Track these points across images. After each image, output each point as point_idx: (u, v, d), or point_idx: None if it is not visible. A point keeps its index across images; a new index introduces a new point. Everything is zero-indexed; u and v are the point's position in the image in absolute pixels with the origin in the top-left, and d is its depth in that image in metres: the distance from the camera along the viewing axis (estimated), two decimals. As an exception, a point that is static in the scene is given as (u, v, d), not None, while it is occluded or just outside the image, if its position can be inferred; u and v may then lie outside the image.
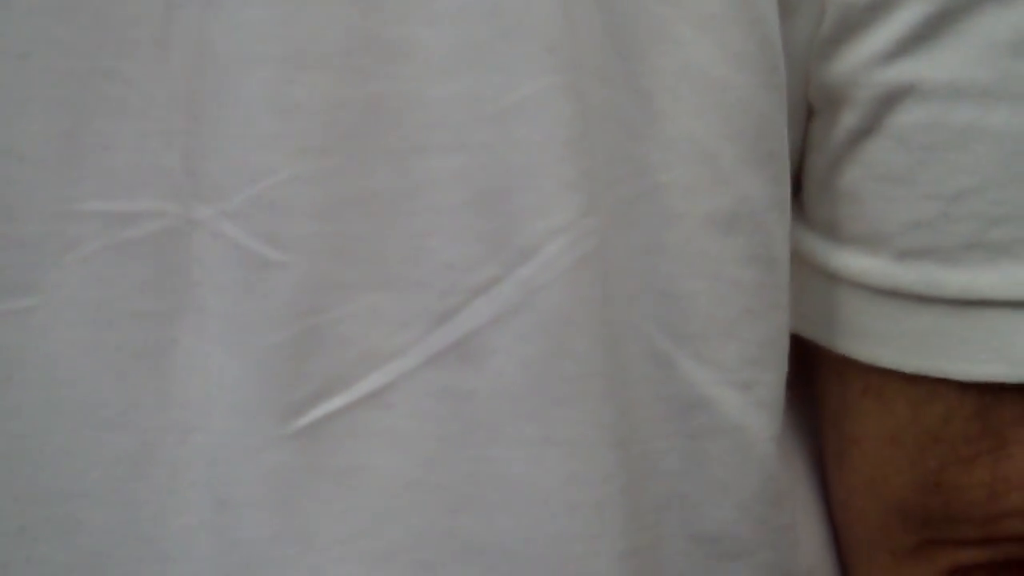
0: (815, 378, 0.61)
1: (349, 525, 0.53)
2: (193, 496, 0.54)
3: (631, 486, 0.54)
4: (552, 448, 0.53)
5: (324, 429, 0.53)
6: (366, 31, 0.52)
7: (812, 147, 0.58)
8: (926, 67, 0.54)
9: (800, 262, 0.58)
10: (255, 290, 0.53)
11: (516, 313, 0.53)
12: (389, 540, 0.53)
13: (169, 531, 0.54)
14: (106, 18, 0.53)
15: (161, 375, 0.54)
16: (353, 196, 0.52)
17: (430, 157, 0.52)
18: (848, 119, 0.56)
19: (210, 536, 0.54)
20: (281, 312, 0.53)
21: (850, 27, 0.55)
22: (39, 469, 0.54)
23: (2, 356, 0.54)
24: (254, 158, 0.52)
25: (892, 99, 0.55)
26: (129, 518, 0.54)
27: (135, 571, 0.54)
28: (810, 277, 0.58)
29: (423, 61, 0.52)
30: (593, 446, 0.53)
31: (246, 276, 0.53)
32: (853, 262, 0.57)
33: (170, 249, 0.53)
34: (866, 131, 0.55)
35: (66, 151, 0.53)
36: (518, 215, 0.52)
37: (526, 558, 0.53)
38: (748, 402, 0.56)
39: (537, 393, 0.53)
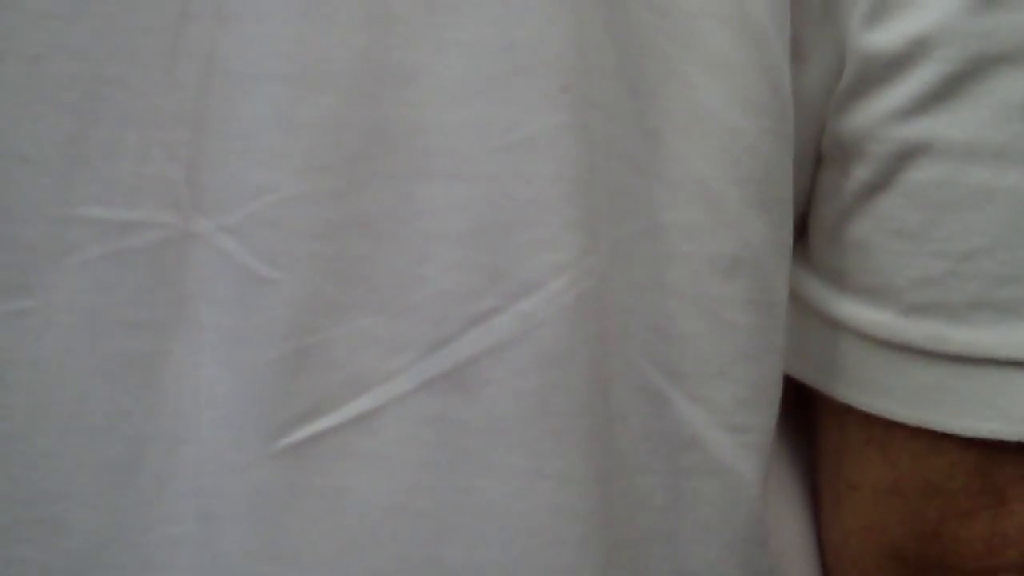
0: (814, 421, 0.61)
1: (330, 547, 0.53)
2: (179, 506, 0.54)
3: (614, 520, 0.55)
4: (542, 481, 0.53)
5: (310, 449, 0.53)
6: (375, 54, 0.52)
7: (822, 196, 0.58)
8: (942, 126, 0.54)
9: (804, 308, 0.58)
10: (249, 306, 0.53)
11: (514, 346, 0.53)
12: (370, 564, 0.53)
13: (154, 539, 0.54)
14: (117, 26, 0.53)
15: (152, 384, 0.54)
16: (352, 218, 0.53)
17: (431, 184, 0.52)
18: (861, 172, 0.56)
19: (193, 547, 0.54)
20: (273, 330, 0.53)
21: (869, 82, 0.55)
22: (27, 470, 0.54)
23: None
24: (257, 174, 0.53)
25: (907, 156, 0.55)
26: (114, 523, 0.54)
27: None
28: (814, 324, 0.59)
29: (431, 88, 0.52)
30: (580, 482, 0.54)
31: (241, 291, 0.53)
32: (859, 313, 0.57)
33: (168, 260, 0.54)
34: (879, 186, 0.56)
35: (70, 156, 0.53)
36: (520, 249, 0.53)
37: None
38: (739, 444, 0.56)
39: (530, 426, 0.53)
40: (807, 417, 0.61)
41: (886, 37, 0.55)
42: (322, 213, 0.52)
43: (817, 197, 0.58)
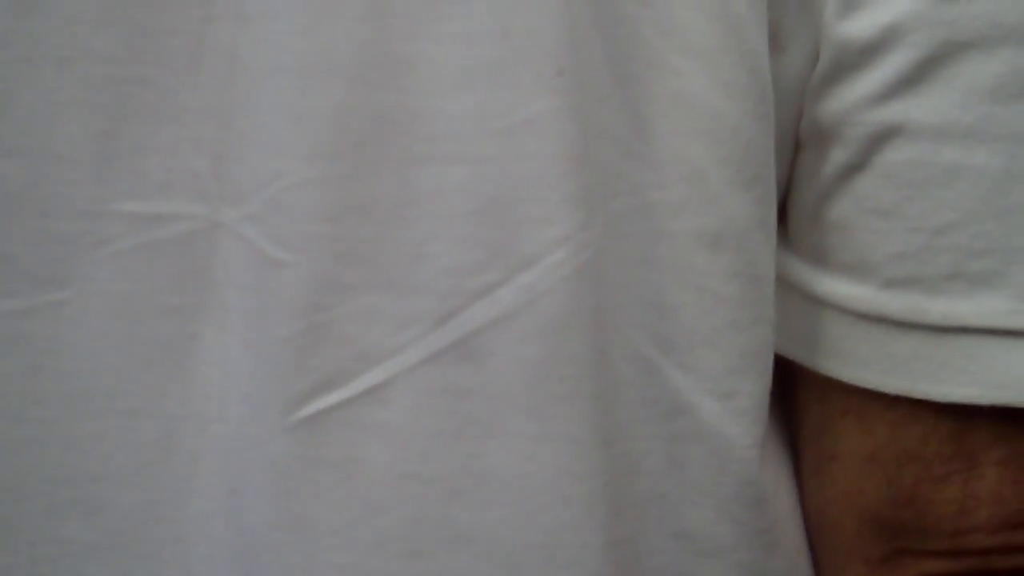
0: (795, 396, 0.63)
1: (344, 514, 0.55)
2: (210, 482, 0.56)
3: (615, 482, 0.57)
4: (547, 444, 0.56)
5: (323, 421, 0.55)
6: (378, 46, 0.54)
7: (801, 179, 0.60)
8: (914, 109, 0.57)
9: (787, 288, 0.60)
10: (264, 287, 0.55)
11: (516, 316, 0.55)
12: (382, 529, 0.55)
13: (188, 515, 0.57)
14: (143, 29, 0.55)
15: (184, 368, 0.56)
16: (359, 201, 0.55)
17: (434, 167, 0.55)
18: (839, 155, 0.58)
19: (223, 521, 0.56)
20: (287, 308, 0.55)
21: (844, 68, 0.57)
22: (66, 453, 0.57)
23: (35, 346, 0.57)
24: (270, 162, 0.55)
25: (882, 138, 0.57)
26: (151, 501, 0.57)
27: (155, 551, 0.57)
28: (796, 302, 0.60)
29: (432, 77, 0.54)
30: (584, 443, 0.56)
31: (258, 274, 0.55)
32: (840, 289, 0.59)
33: (196, 249, 0.56)
34: (856, 167, 0.58)
35: (102, 153, 0.56)
36: (521, 225, 0.55)
37: (517, 547, 0.56)
38: (728, 410, 0.58)
39: (534, 392, 0.55)
40: (791, 392, 0.63)
41: (859, 25, 0.57)
42: (330, 197, 0.55)
43: (797, 181, 0.61)
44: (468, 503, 0.55)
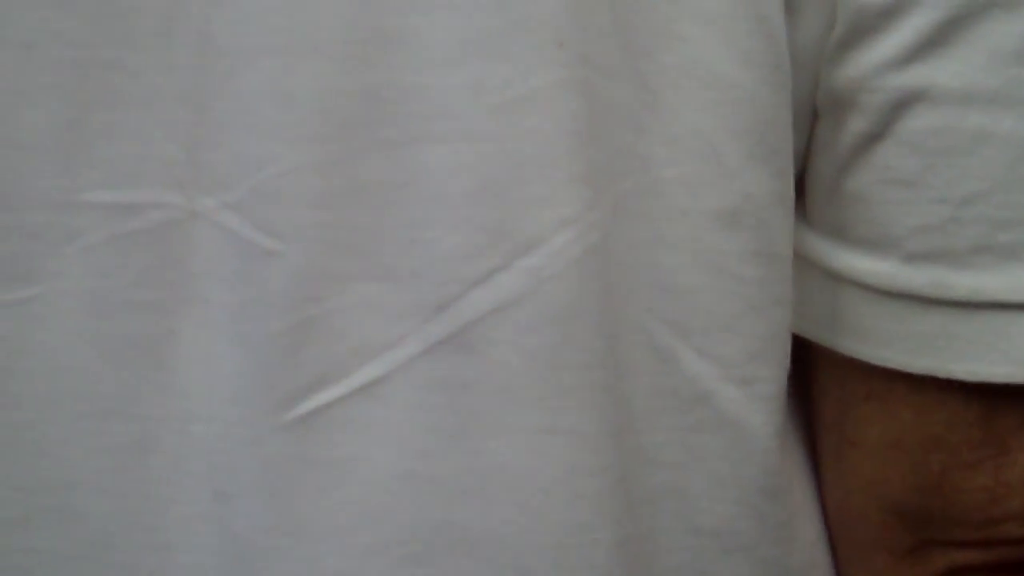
0: (813, 380, 0.61)
1: (343, 517, 0.53)
2: (192, 486, 0.54)
3: (628, 477, 0.55)
4: (555, 438, 0.53)
5: (318, 420, 0.53)
6: (366, 21, 0.52)
7: (818, 150, 0.58)
8: (937, 73, 0.55)
9: (804, 264, 0.58)
10: (253, 279, 0.53)
11: (519, 304, 0.53)
12: (382, 533, 0.53)
13: (169, 521, 0.54)
14: (110, 9, 0.53)
15: (161, 365, 0.54)
16: (351, 186, 0.53)
17: (429, 147, 0.52)
18: (857, 123, 0.56)
19: (209, 526, 0.54)
20: (277, 302, 0.53)
21: (861, 32, 0.55)
22: (40, 459, 0.54)
23: (3, 346, 0.54)
24: (255, 148, 0.52)
25: (903, 104, 0.55)
26: (129, 508, 0.54)
27: (135, 560, 0.54)
28: (814, 279, 0.59)
29: (423, 51, 0.52)
30: (594, 436, 0.54)
31: (245, 265, 0.53)
32: (860, 264, 0.57)
33: (171, 240, 0.54)
34: (876, 135, 0.56)
35: (70, 141, 0.53)
36: (523, 206, 0.53)
37: (524, 549, 0.54)
38: (748, 397, 0.56)
39: (540, 383, 0.53)
40: (809, 376, 0.61)
41: None
42: (320, 182, 0.52)
43: (813, 152, 0.58)
44: (472, 504, 0.53)
